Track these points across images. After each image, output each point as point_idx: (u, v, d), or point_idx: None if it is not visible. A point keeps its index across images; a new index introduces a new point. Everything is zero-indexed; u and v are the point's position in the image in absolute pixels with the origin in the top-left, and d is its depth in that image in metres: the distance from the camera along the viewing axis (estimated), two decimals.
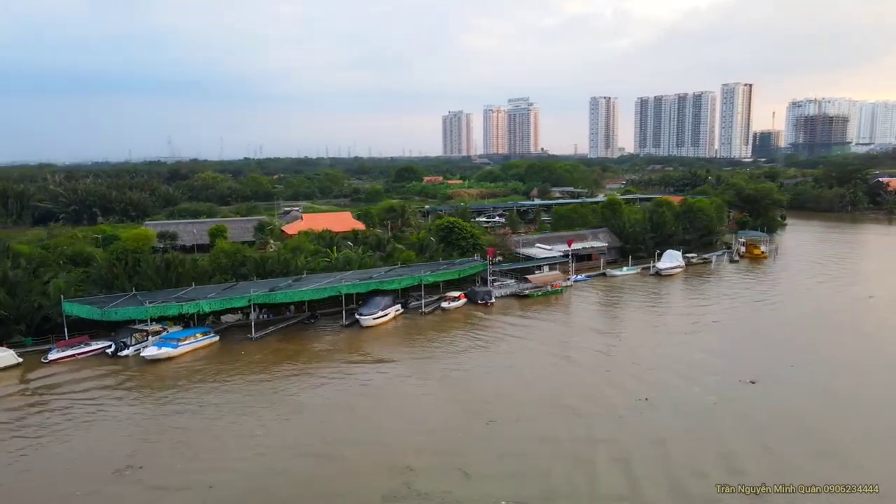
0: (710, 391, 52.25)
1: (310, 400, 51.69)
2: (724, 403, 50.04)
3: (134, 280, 70.62)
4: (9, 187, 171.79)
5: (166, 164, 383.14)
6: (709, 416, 47.52)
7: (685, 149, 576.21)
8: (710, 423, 46.09)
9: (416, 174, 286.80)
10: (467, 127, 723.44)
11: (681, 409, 48.73)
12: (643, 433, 44.59)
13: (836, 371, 56.69)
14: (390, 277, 76.40)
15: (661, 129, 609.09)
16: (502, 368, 58.45)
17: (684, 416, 47.40)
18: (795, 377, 55.40)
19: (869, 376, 55.16)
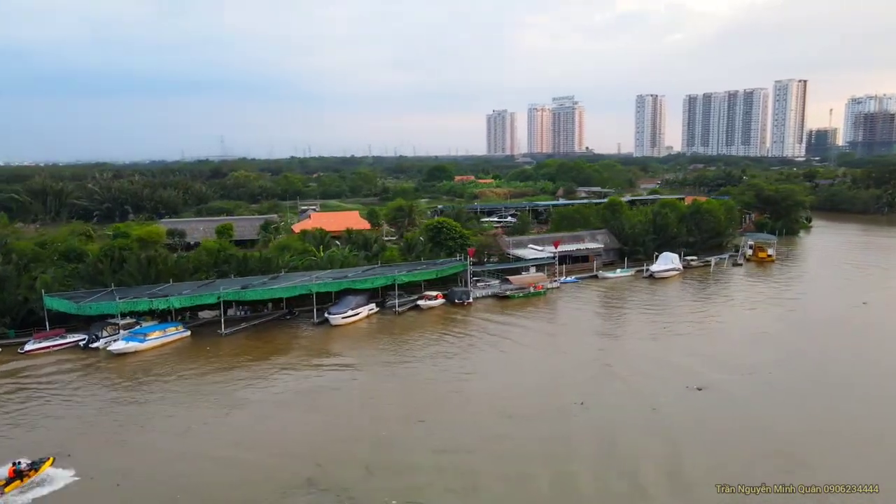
0: (654, 398, 51.32)
1: (253, 396, 53.01)
2: (663, 409, 49.22)
3: (117, 276, 73.68)
4: (48, 185, 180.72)
5: (212, 163, 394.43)
6: (641, 423, 46.66)
7: (735, 147, 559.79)
8: (638, 431, 45.28)
9: (447, 173, 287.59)
10: (511, 126, 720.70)
11: (614, 417, 47.97)
12: (559, 438, 44.35)
13: (793, 379, 54.78)
14: (365, 277, 77.44)
15: (709, 127, 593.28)
16: (455, 368, 58.67)
17: (615, 424, 46.58)
18: (747, 384, 53.90)
19: (822, 384, 53.22)
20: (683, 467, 40.11)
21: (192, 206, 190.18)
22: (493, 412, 48.99)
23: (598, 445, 43.32)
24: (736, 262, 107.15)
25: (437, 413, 49.22)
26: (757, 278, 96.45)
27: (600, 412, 49.11)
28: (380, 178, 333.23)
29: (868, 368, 57.39)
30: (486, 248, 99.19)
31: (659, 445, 43.04)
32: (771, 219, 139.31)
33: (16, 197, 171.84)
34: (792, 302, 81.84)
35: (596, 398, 51.65)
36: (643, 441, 43.60)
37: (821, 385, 53.69)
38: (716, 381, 54.45)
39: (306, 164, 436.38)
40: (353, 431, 46.20)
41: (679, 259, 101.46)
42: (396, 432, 46.17)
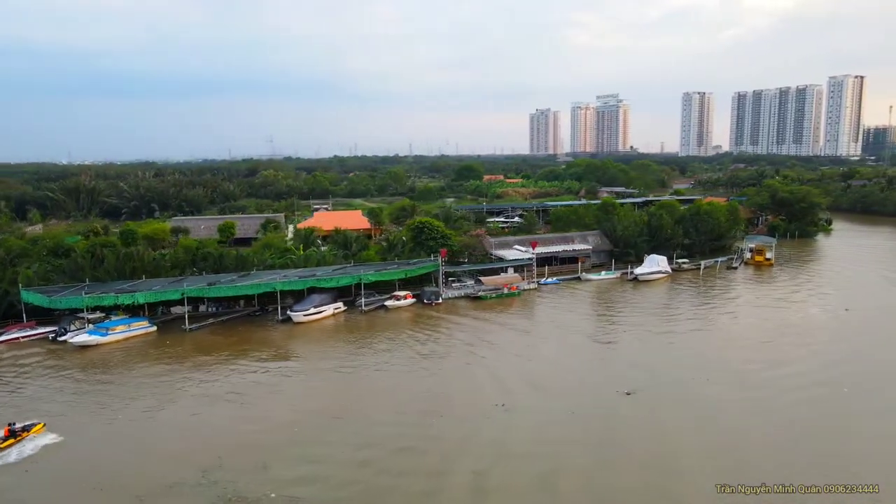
0: (581, 401, 50.97)
1: (192, 390, 54.67)
2: (584, 412, 48.88)
3: (97, 271, 77.07)
4: (81, 184, 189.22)
5: (252, 162, 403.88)
6: (558, 425, 46.56)
7: (786, 146, 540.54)
8: (552, 432, 45.27)
9: (476, 173, 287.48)
10: (554, 125, 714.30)
11: (532, 418, 47.93)
12: (472, 437, 44.72)
13: (725, 388, 53.32)
14: (331, 276, 78.75)
15: (759, 125, 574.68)
16: (396, 368, 59.37)
17: (528, 425, 46.54)
18: (678, 390, 52.86)
19: (754, 392, 51.63)
20: (561, 467, 39.96)
21: (219, 203, 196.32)
22: (416, 411, 49.47)
23: (504, 446, 43.29)
24: (730, 266, 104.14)
25: (358, 411, 50.01)
26: (745, 282, 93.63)
27: (520, 414, 49.15)
28: (414, 177, 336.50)
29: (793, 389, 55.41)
30: (470, 249, 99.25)
31: (564, 446, 43.14)
32: (786, 221, 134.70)
33: (51, 195, 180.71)
34: (762, 310, 79.26)
35: (519, 400, 51.66)
36: (550, 442, 43.71)
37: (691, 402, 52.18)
38: (646, 387, 53.66)
39: (345, 164, 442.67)
40: (268, 427, 47.36)
41: (670, 262, 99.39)
42: (308, 428, 47.25)
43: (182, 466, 41.67)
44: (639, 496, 37.11)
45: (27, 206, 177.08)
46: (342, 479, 39.94)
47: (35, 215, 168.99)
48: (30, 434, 44.75)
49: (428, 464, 41.30)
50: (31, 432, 44.99)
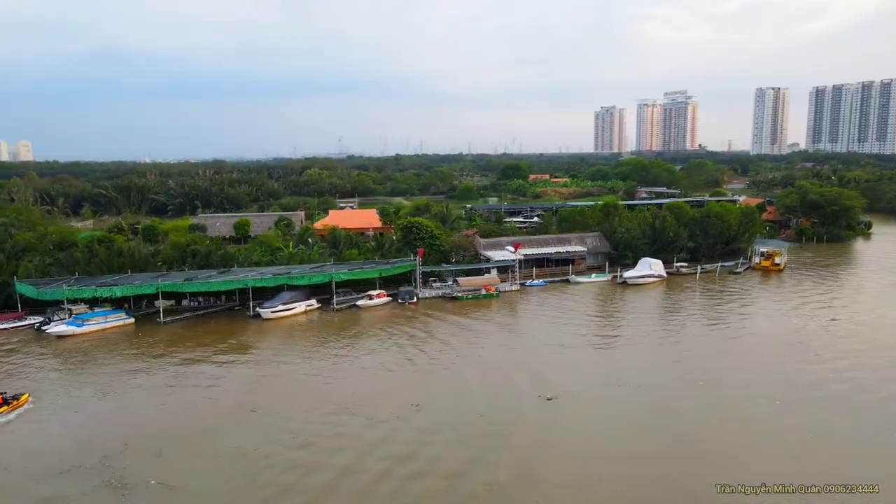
0: (497, 403, 50.86)
1: (135, 381, 57.58)
2: (493, 415, 48.79)
3: (89, 266, 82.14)
4: (132, 182, 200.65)
5: (312, 160, 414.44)
6: (466, 426, 46.72)
7: (868, 144, 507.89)
8: (453, 433, 45.60)
9: (520, 171, 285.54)
10: (619, 123, 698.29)
11: (439, 418, 48.24)
12: (381, 436, 45.54)
13: (660, 394, 51.84)
14: (304, 273, 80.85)
15: (839, 122, 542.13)
16: (339, 365, 60.80)
17: (440, 425, 47.00)
18: (607, 396, 51.98)
19: (694, 401, 49.96)
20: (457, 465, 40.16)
21: (262, 201, 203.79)
22: (333, 409, 50.41)
23: (412, 446, 43.93)
24: (733, 271, 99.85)
25: (278, 406, 51.49)
26: (740, 289, 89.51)
27: (433, 413, 49.58)
28: (465, 175, 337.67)
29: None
30: (460, 249, 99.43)
31: (447, 447, 43.49)
32: (820, 224, 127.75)
33: (104, 192, 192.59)
34: (741, 319, 75.83)
35: (435, 400, 52.04)
36: (459, 442, 44.27)
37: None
38: (571, 393, 52.94)
39: (401, 162, 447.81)
40: (185, 418, 49.70)
41: (669, 265, 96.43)
42: (222, 421, 49.19)
43: (89, 451, 44.28)
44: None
45: (84, 203, 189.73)
46: (230, 471, 41.38)
47: (87, 212, 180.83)
48: (20, 402, 51.20)
49: (318, 461, 42.04)
50: (22, 400, 51.43)
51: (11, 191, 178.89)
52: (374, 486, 38.76)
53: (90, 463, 42.70)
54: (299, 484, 39.35)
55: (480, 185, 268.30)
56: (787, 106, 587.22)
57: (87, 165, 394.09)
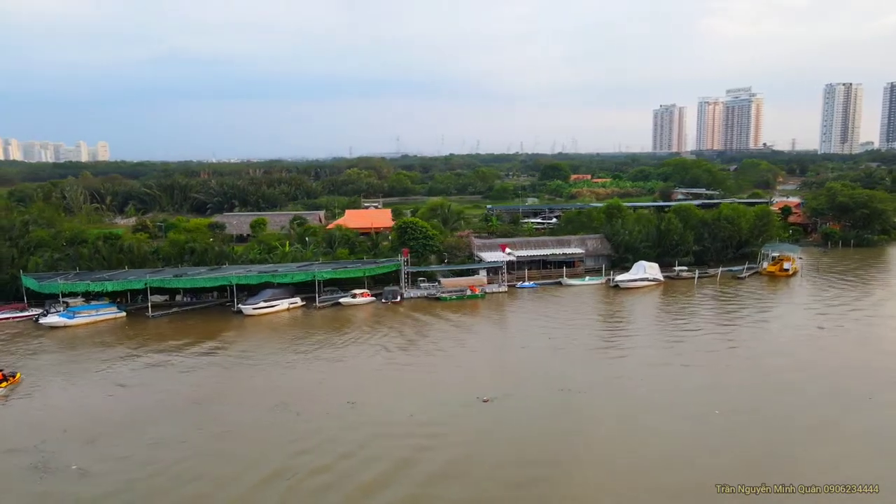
0: (430, 403, 51.26)
1: (100, 370, 60.85)
2: (421, 416, 49.22)
3: (91, 262, 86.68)
4: (175, 182, 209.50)
5: (361, 160, 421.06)
6: (384, 425, 47.42)
7: None
8: (370, 431, 46.30)
9: (561, 172, 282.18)
10: (679, 121, 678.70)
11: (370, 416, 49.05)
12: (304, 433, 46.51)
13: (594, 397, 51.02)
14: (288, 272, 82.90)
15: None
16: (298, 360, 62.50)
17: (358, 424, 47.67)
18: (545, 400, 51.54)
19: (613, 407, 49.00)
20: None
21: (299, 200, 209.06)
22: (276, 403, 51.68)
23: (324, 442, 44.80)
24: (737, 276, 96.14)
25: (222, 400, 53.34)
26: (737, 295, 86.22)
27: (364, 411, 50.42)
28: (512, 175, 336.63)
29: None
30: (455, 250, 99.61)
31: (372, 446, 44.07)
32: (851, 228, 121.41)
33: (148, 191, 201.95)
34: (719, 326, 73.10)
35: (372, 398, 52.78)
36: (369, 441, 44.88)
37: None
38: (509, 395, 52.75)
39: (450, 161, 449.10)
40: (130, 407, 52.01)
41: (671, 269, 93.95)
42: (163, 412, 51.33)
43: (33, 434, 47.13)
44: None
45: (130, 201, 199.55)
46: (148, 460, 43.37)
47: (130, 209, 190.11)
48: (14, 380, 56.64)
49: (233, 453, 43.35)
50: (15, 379, 56.85)
51: (64, 189, 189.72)
52: (272, 478, 39.75)
53: (28, 446, 45.44)
54: (208, 474, 40.71)
55: (520, 185, 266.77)
56: (860, 103, 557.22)
57: (150, 164, 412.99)
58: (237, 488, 39.12)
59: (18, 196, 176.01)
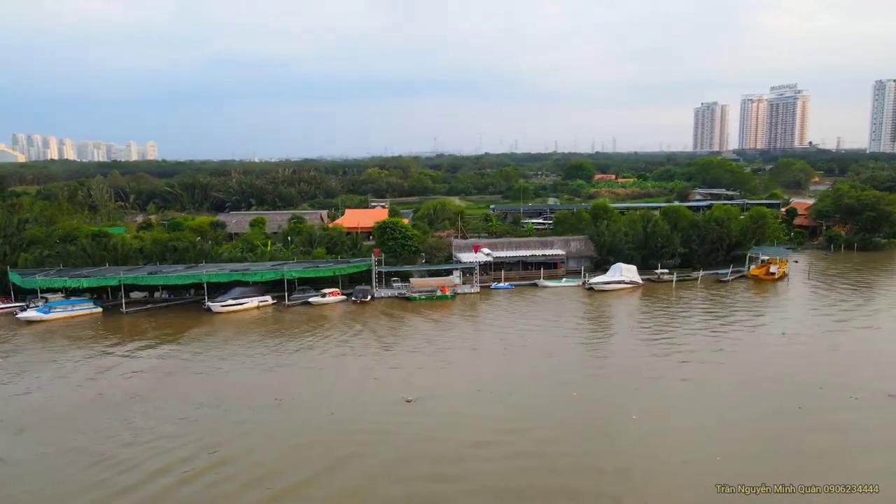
0: (355, 403, 51.94)
1: (54, 364, 63.04)
2: (341, 414, 49.81)
3: (75, 259, 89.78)
4: (196, 181, 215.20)
5: (386, 159, 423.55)
6: (303, 423, 48.36)
7: None
8: (284, 428, 47.34)
9: (584, 171, 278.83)
10: (721, 119, 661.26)
11: (292, 413, 50.08)
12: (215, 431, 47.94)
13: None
14: (261, 270, 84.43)
15: None
16: (242, 357, 63.72)
17: (276, 421, 48.80)
18: (467, 401, 51.54)
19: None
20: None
21: (319, 199, 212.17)
22: (205, 400, 53.03)
23: (231, 437, 45.81)
24: (720, 279, 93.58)
25: (156, 398, 54.69)
26: (711, 299, 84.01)
27: (289, 408, 51.32)
28: (541, 175, 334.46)
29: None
30: (435, 250, 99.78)
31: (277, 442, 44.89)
32: (860, 231, 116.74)
33: (170, 190, 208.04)
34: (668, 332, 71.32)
35: (304, 396, 53.73)
36: (275, 437, 45.90)
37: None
38: (433, 396, 52.88)
39: (480, 161, 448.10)
40: (67, 402, 53.71)
41: (646, 271, 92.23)
42: (100, 403, 53.10)
43: None
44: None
45: (154, 200, 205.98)
46: (65, 448, 45.03)
47: (151, 208, 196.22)
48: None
49: (139, 444, 44.83)
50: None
51: (90, 188, 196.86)
52: (179, 486, 40.50)
53: None
54: (113, 463, 42.26)
55: (541, 184, 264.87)
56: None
57: (188, 164, 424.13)
58: (132, 476, 40.40)
59: (45, 194, 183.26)
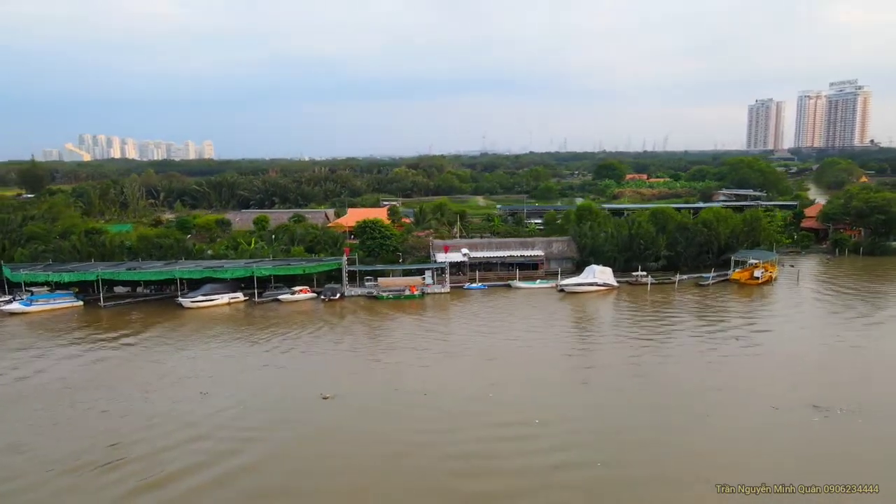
0: (273, 398, 53.14)
1: (18, 353, 66.67)
2: (252, 406, 50.97)
3: (63, 254, 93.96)
4: (223, 179, 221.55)
5: (420, 158, 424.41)
6: (211, 416, 49.58)
7: None
8: (194, 420, 48.72)
9: (615, 171, 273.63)
10: (776, 117, 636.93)
11: (211, 407, 51.38)
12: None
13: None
14: (235, 268, 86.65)
15: None
16: (185, 354, 65.64)
17: (192, 413, 50.23)
18: (381, 400, 51.84)
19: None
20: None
21: (344, 197, 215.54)
22: (133, 391, 55.13)
23: (140, 430, 47.27)
24: (699, 283, 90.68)
25: (93, 388, 57.12)
26: (677, 305, 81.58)
27: (211, 402, 52.82)
28: (578, 174, 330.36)
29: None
30: (414, 249, 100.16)
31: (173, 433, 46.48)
32: (871, 235, 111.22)
33: (198, 188, 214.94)
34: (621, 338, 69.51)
35: (228, 389, 55.22)
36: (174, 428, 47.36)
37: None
38: (352, 394, 53.54)
39: (519, 161, 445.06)
40: (21, 389, 56.79)
41: (624, 273, 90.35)
42: (23, 397, 55.62)
43: None
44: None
45: (183, 198, 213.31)
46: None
47: (178, 205, 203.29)
48: None
49: (61, 430, 47.31)
50: None
51: (123, 186, 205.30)
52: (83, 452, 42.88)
53: None
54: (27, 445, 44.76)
55: (569, 184, 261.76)
56: None
57: (234, 163, 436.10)
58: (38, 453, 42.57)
59: (79, 192, 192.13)
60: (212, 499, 37.55)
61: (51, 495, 38.52)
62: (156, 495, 37.89)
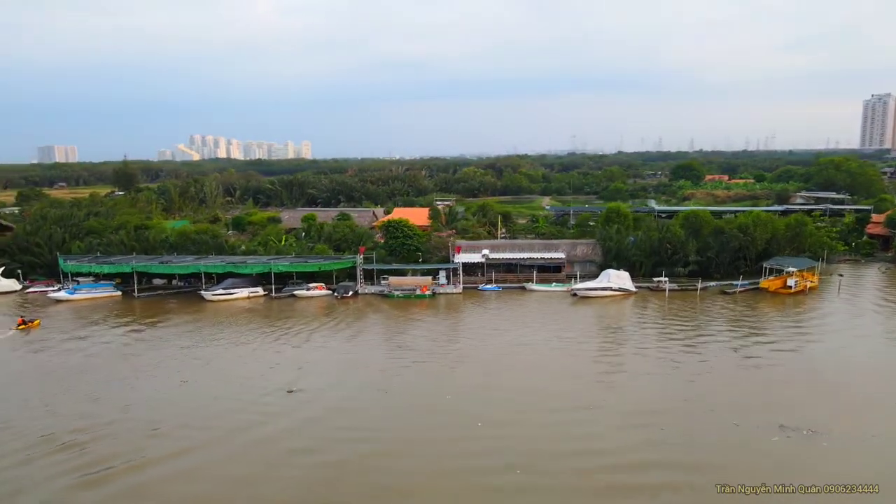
0: (241, 392, 54.94)
1: (41, 336, 73.04)
2: (224, 400, 53.29)
3: (111, 248, 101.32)
4: (294, 178, 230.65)
5: (497, 158, 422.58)
6: (184, 407, 51.85)
7: None
8: (168, 414, 51.76)
9: (693, 171, 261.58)
10: (894, 113, 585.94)
11: (184, 399, 53.83)
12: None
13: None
14: (256, 264, 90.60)
15: None
16: (184, 345, 69.37)
17: (163, 404, 53.18)
18: (352, 397, 53.27)
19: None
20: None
21: (409, 196, 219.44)
22: (113, 381, 58.88)
23: (108, 421, 50.39)
24: (725, 291, 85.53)
25: (91, 373, 61.77)
26: (693, 315, 77.39)
27: (188, 392, 55.65)
28: (659, 175, 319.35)
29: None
30: (436, 250, 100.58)
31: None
32: None
33: (270, 187, 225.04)
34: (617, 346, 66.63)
35: (205, 381, 57.98)
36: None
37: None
38: (319, 389, 55.13)
39: (602, 161, 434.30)
40: (22, 372, 62.40)
41: (642, 279, 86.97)
42: (25, 377, 60.78)
43: None
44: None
45: (258, 195, 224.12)
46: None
47: (249, 203, 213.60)
48: (34, 325, 73.36)
49: (39, 413, 51.23)
50: (35, 324, 73.67)
51: (203, 183, 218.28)
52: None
53: None
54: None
55: (642, 185, 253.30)
56: None
57: (324, 162, 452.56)
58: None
59: (162, 190, 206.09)
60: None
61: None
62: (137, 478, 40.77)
